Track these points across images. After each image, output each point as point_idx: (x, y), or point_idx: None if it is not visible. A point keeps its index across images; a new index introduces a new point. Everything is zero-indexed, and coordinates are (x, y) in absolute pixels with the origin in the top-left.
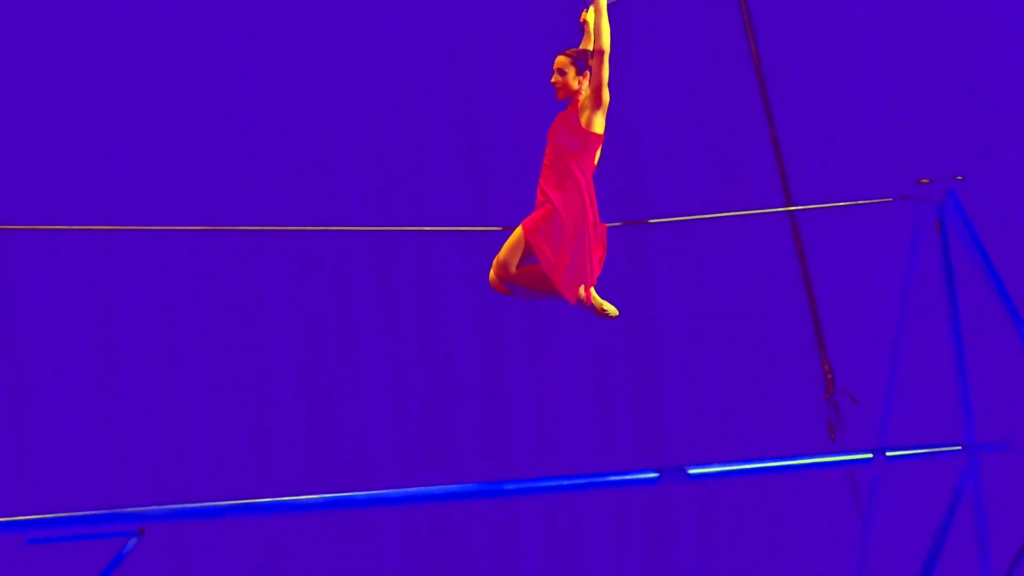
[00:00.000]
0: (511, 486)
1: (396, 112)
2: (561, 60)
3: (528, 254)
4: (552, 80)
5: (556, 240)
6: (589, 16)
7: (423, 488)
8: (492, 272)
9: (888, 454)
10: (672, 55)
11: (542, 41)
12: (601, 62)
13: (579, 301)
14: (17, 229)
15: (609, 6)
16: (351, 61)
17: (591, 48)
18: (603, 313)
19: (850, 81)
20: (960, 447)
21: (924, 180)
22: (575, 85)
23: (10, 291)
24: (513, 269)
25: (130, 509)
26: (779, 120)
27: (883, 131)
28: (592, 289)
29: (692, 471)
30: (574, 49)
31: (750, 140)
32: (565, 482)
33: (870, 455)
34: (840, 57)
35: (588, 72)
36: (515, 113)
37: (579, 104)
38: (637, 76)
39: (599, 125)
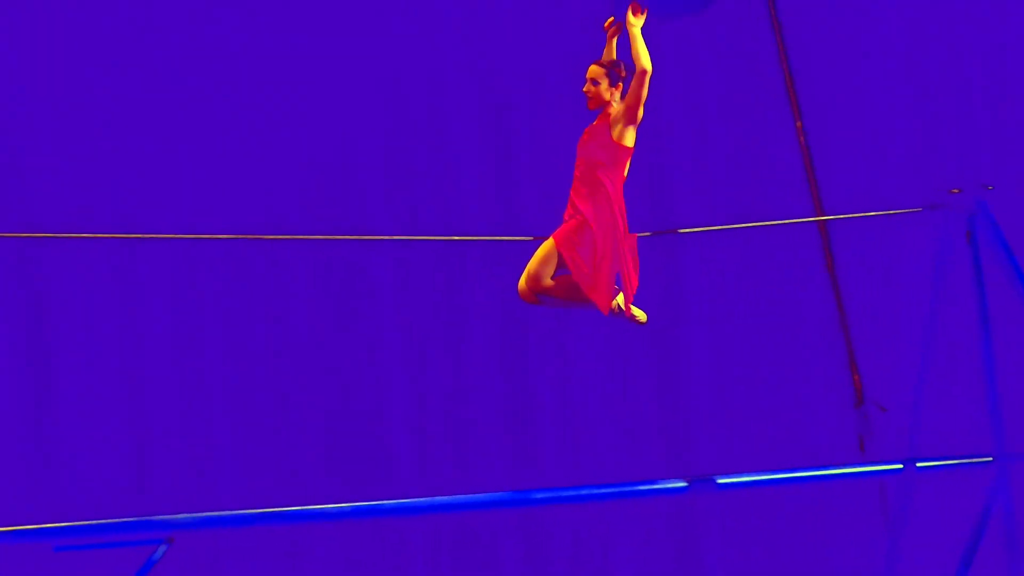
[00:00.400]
0: (539, 495)
1: (423, 120)
2: (594, 70)
3: (560, 265)
4: (584, 89)
5: (588, 252)
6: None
7: (449, 497)
8: (523, 283)
9: (918, 465)
10: (702, 65)
11: (571, 49)
12: (642, 83)
13: (612, 311)
14: (46, 237)
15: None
16: (379, 69)
17: (614, 57)
18: (633, 319)
19: (880, 91)
20: (991, 458)
21: (954, 190)
22: (607, 96)
23: (39, 299)
24: (547, 281)
25: (159, 517)
26: (809, 130)
27: (913, 141)
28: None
29: (721, 481)
30: (608, 59)
31: (780, 150)
32: (593, 491)
33: (900, 466)
34: (870, 67)
35: (620, 83)
36: (543, 122)
37: (610, 116)
38: (667, 85)
39: (630, 139)
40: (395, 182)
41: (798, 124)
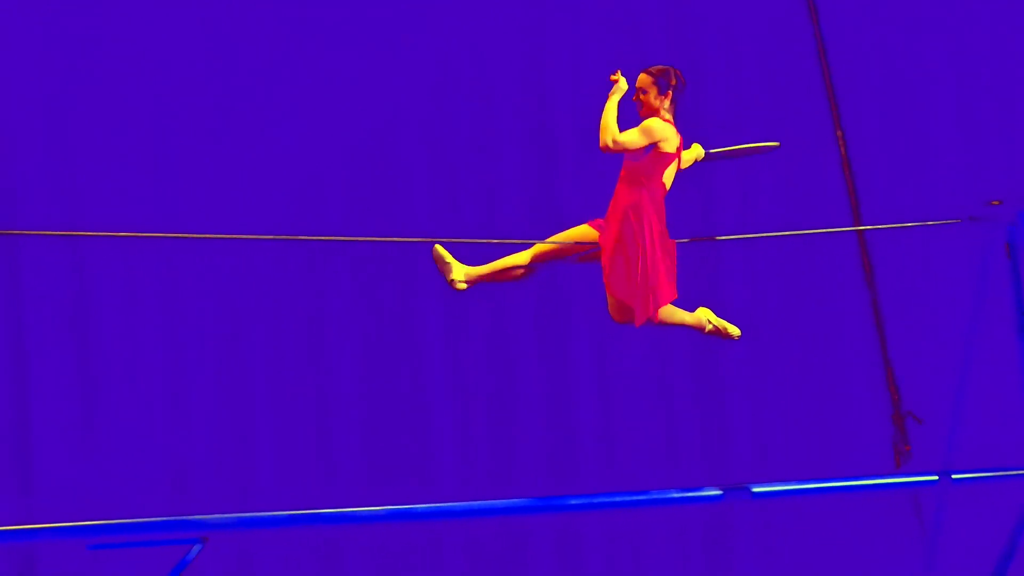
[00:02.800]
0: (574, 501)
1: (465, 120)
2: (643, 79)
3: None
4: (634, 99)
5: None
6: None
7: (486, 502)
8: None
9: (954, 476)
10: (742, 73)
11: (614, 51)
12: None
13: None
14: (90, 236)
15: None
16: (419, 71)
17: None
18: (725, 334)
19: (922, 102)
20: None
21: (995, 202)
22: (656, 104)
23: (80, 298)
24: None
25: (193, 517)
26: (849, 139)
27: (954, 152)
28: (710, 312)
29: (756, 489)
30: (657, 67)
31: (820, 158)
32: (628, 498)
33: (935, 477)
34: (912, 77)
35: (671, 91)
36: (587, 125)
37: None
38: (707, 93)
39: (668, 146)
40: (437, 183)
41: (838, 133)
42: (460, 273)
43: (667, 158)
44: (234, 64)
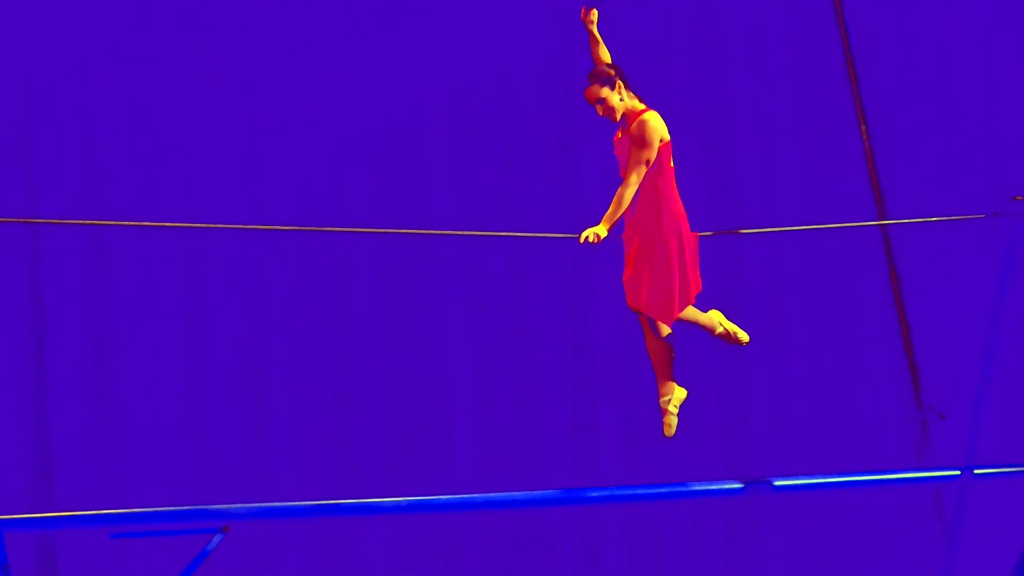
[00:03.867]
0: (594, 494)
1: (490, 114)
2: (591, 92)
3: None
4: (600, 114)
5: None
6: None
7: (506, 493)
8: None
9: (976, 471)
10: (767, 66)
11: (639, 41)
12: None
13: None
14: (109, 225)
15: None
16: (442, 62)
17: (603, 51)
18: (735, 339)
19: (946, 96)
20: None
21: (1018, 197)
22: (617, 103)
23: (101, 288)
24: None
25: (215, 506)
26: (874, 133)
27: (978, 146)
28: (722, 315)
29: (777, 483)
30: (596, 70)
31: (844, 152)
32: (649, 491)
33: (957, 472)
34: (937, 71)
35: (619, 80)
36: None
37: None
38: (732, 86)
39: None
40: (461, 177)
41: (862, 127)
42: (673, 399)
43: (666, 147)
44: (259, 55)
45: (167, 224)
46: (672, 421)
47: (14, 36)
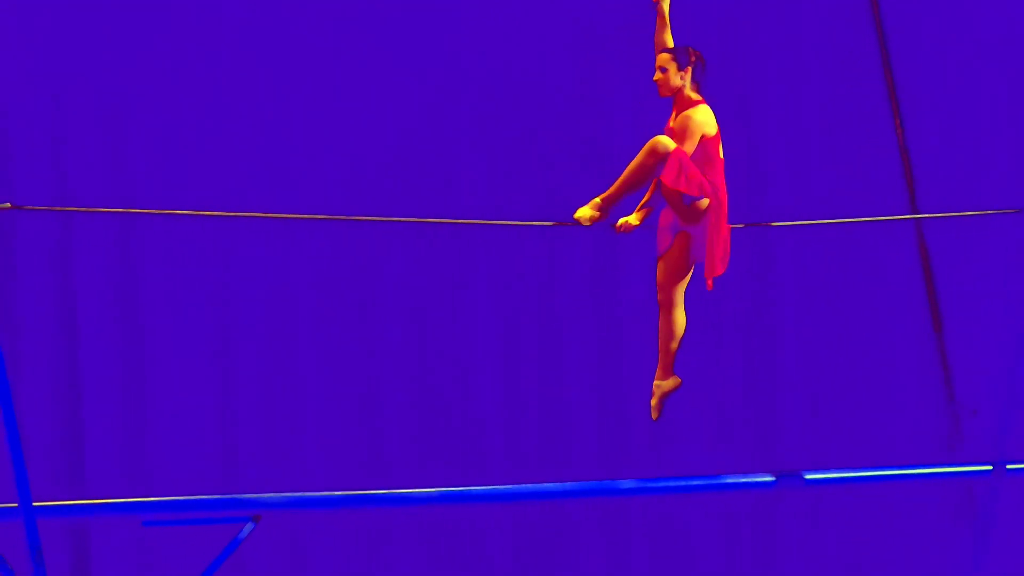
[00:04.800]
0: (624, 485)
1: (522, 104)
2: (662, 58)
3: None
4: (655, 78)
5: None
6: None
7: (535, 485)
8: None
9: (1008, 467)
10: (801, 59)
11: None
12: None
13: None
14: (140, 214)
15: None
16: (471, 50)
17: (668, 35)
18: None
19: (981, 90)
20: None
21: None
22: (677, 81)
23: (132, 277)
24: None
25: (246, 495)
26: (908, 127)
27: (1013, 141)
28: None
29: (808, 476)
30: (681, 46)
31: (877, 146)
32: (679, 483)
33: (989, 467)
34: (971, 65)
35: (690, 67)
36: (639, 108)
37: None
38: (765, 78)
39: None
40: (492, 167)
41: (896, 121)
42: (666, 384)
43: (714, 140)
44: (289, 45)
45: (197, 213)
46: (657, 404)
47: (45, 28)
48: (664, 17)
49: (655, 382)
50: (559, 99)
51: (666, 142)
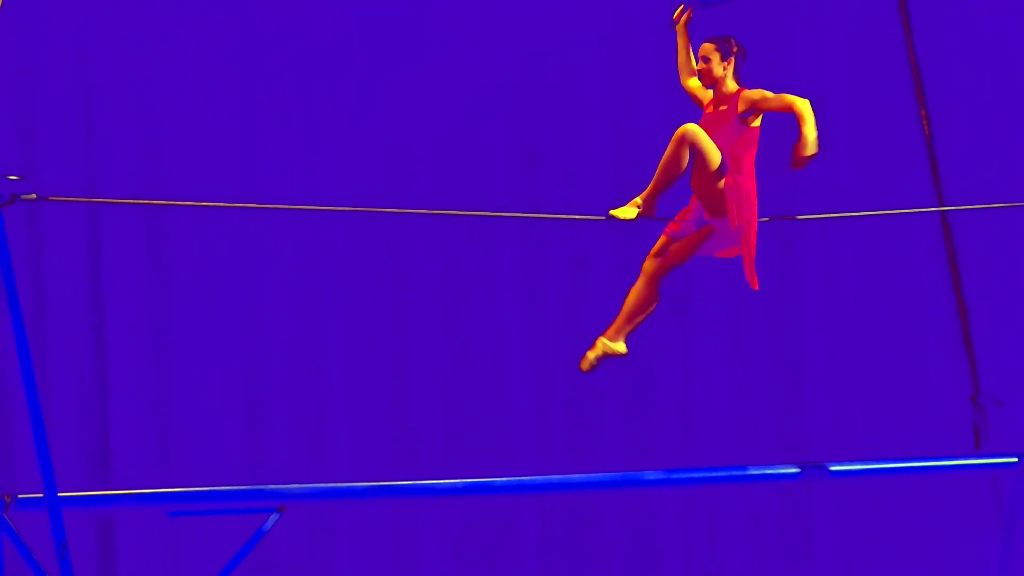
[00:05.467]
0: (651, 476)
1: (550, 95)
2: (705, 47)
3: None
4: (698, 68)
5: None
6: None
7: (562, 476)
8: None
9: None
10: (828, 51)
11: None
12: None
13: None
14: (168, 205)
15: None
16: (503, 41)
17: (690, 60)
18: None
19: (1007, 82)
20: None
21: None
22: (719, 71)
23: (159, 268)
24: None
25: (271, 486)
26: (933, 119)
27: None
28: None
29: (833, 468)
30: (725, 37)
31: (903, 138)
32: (705, 474)
33: (1015, 459)
34: (997, 56)
35: (732, 58)
36: (668, 101)
37: (736, 99)
38: (792, 70)
39: (758, 121)
40: (520, 158)
41: (922, 113)
42: (613, 345)
43: (757, 133)
44: (318, 34)
45: (226, 204)
46: (592, 359)
47: (74, 18)
48: (685, 39)
49: (602, 339)
50: (591, 92)
51: (692, 129)
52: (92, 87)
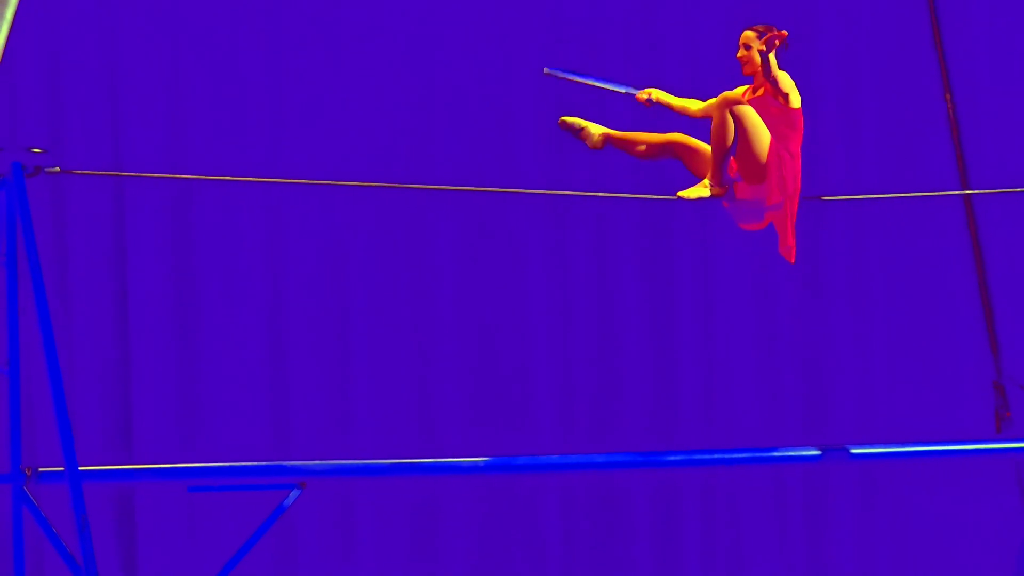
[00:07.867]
0: (672, 457)
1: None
2: (747, 35)
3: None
4: (738, 55)
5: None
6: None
7: (585, 455)
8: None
9: None
10: (854, 36)
11: (727, 16)
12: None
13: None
14: (193, 179)
15: None
16: (531, 17)
17: (686, 107)
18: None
19: None
20: None
21: None
22: (759, 59)
23: (184, 243)
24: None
25: (292, 462)
26: (958, 102)
27: None
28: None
29: (854, 451)
30: (768, 26)
31: (928, 122)
32: (727, 455)
33: None
34: (1023, 39)
35: (774, 53)
36: (697, 83)
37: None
38: (817, 53)
39: (796, 99)
40: (546, 136)
41: (947, 96)
42: (597, 133)
43: (799, 114)
44: (343, 11)
45: (251, 179)
46: (600, 141)
47: None
48: (666, 101)
49: (584, 122)
50: (620, 72)
51: (724, 94)
52: (118, 60)
